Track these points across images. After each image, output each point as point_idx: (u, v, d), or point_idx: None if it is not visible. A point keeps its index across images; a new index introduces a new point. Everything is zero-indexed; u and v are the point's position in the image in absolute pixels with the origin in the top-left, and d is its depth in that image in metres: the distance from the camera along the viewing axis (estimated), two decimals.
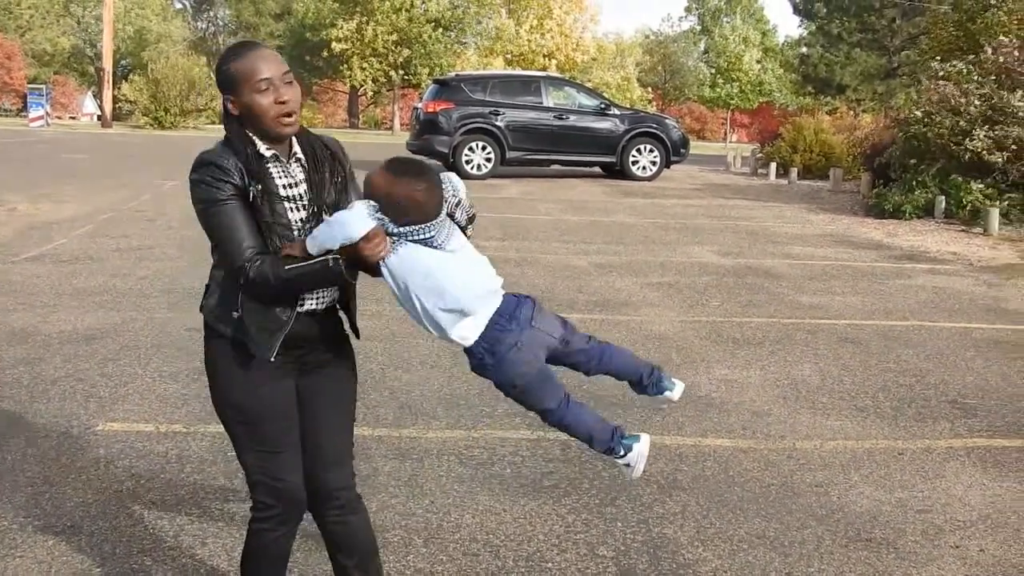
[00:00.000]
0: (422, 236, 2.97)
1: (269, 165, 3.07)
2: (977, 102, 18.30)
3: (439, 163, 22.75)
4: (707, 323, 9.00)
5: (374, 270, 2.99)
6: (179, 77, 52.60)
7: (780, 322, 9.19)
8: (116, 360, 7.10)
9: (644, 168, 25.31)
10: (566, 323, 3.18)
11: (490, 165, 23.74)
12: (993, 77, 18.71)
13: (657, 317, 9.18)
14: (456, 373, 6.98)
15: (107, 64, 54.78)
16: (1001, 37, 19.40)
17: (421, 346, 7.71)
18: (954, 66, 19.16)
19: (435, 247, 2.98)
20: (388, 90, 68.49)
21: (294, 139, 3.17)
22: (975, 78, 18.84)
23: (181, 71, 53.08)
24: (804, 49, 63.48)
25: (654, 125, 25.83)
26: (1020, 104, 17.56)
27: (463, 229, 3.10)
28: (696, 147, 40.57)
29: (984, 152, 17.52)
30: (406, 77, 64.20)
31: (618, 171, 25.41)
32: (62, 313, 8.51)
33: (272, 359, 3.07)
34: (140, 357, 7.19)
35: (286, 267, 2.95)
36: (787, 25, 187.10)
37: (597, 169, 26.43)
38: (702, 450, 5.69)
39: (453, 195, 3.07)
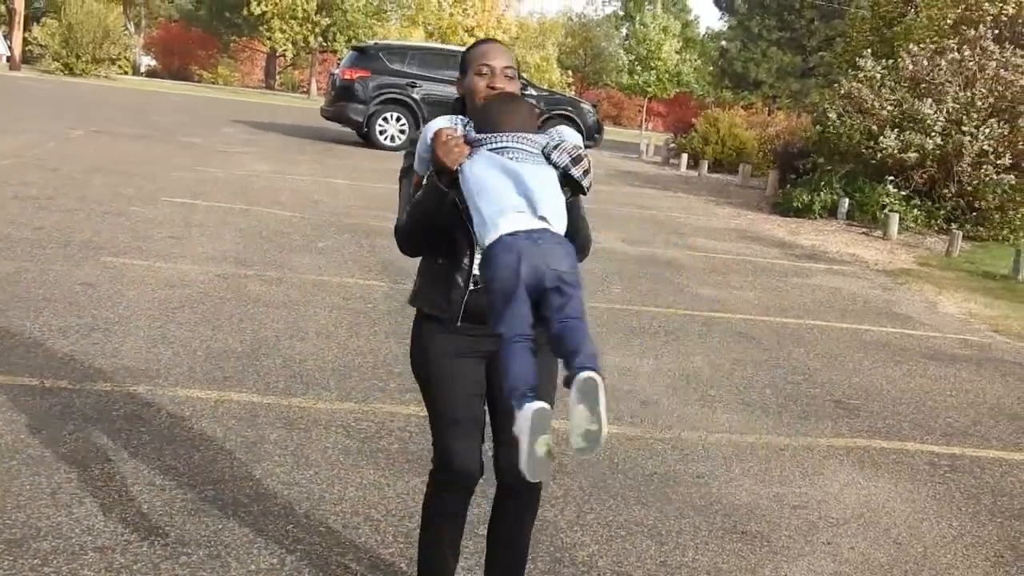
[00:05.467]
0: (496, 145, 3.03)
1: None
2: (890, 107, 18.64)
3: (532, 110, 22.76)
4: (605, 310, 9.07)
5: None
6: (93, 23, 51.38)
7: (677, 313, 9.31)
8: (4, 311, 6.95)
9: None
10: (576, 280, 2.99)
11: (404, 136, 23.57)
12: (906, 84, 19.08)
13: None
14: (351, 345, 6.97)
15: (19, 5, 53.41)
16: (911, 46, 19.77)
17: (319, 315, 7.68)
18: (872, 70, 19.48)
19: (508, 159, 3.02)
20: (307, 53, 67.76)
21: None
22: (888, 83, 19.19)
23: (96, 17, 51.88)
24: (724, 43, 64.19)
25: (569, 108, 25.96)
26: (929, 112, 17.92)
27: (571, 178, 3.06)
28: (611, 133, 40.81)
29: (896, 152, 17.86)
30: (324, 44, 63.60)
31: None
32: None
33: (458, 327, 3.26)
34: (30, 310, 7.05)
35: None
36: (709, 17, 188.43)
37: None
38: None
39: (556, 136, 3.10)
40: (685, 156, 29.62)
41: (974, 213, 18.25)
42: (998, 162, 17.50)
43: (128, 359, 6.22)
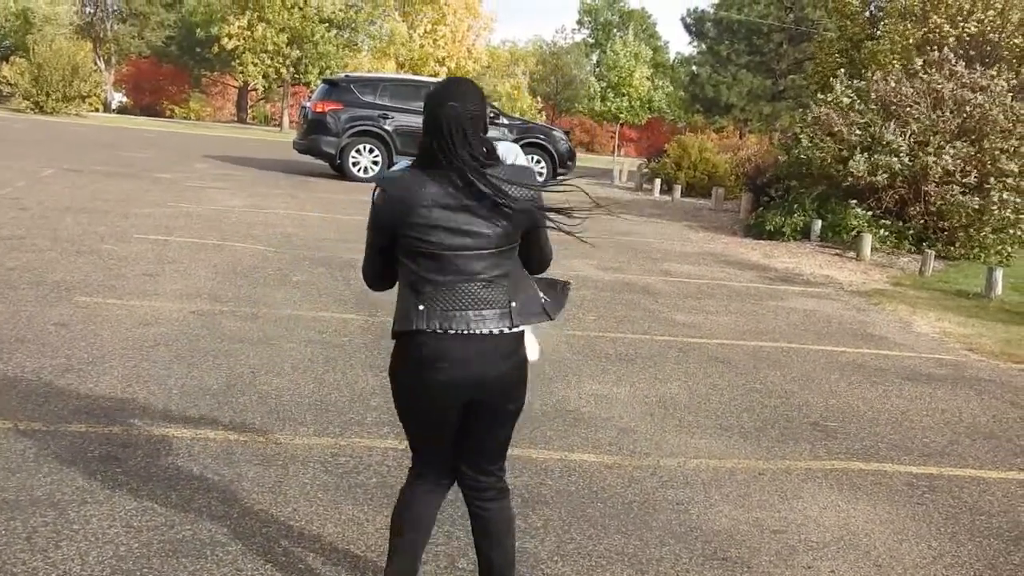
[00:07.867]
0: None
1: None
2: (858, 131, 18.78)
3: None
4: (582, 337, 9.08)
5: None
6: (63, 61, 51.40)
7: (653, 339, 9.32)
8: None
9: None
10: None
11: (377, 168, 23.56)
12: (874, 106, 19.23)
13: (532, 329, 9.22)
14: (327, 379, 6.95)
15: None
16: (868, 72, 19.96)
17: (295, 350, 7.65)
18: (842, 93, 19.64)
19: None
20: (279, 86, 67.80)
21: None
22: (857, 107, 19.34)
23: (65, 55, 51.89)
24: (694, 68, 64.61)
25: (541, 136, 25.99)
26: (892, 138, 18.06)
27: None
28: (584, 159, 40.91)
29: (866, 175, 17.97)
30: (296, 76, 63.69)
31: None
32: None
33: None
34: (3, 351, 7.00)
35: None
36: (679, 42, 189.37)
37: None
38: (568, 465, 5.75)
39: None
40: (658, 181, 29.74)
41: (944, 232, 18.37)
42: (964, 181, 17.63)
43: (103, 399, 6.19)
